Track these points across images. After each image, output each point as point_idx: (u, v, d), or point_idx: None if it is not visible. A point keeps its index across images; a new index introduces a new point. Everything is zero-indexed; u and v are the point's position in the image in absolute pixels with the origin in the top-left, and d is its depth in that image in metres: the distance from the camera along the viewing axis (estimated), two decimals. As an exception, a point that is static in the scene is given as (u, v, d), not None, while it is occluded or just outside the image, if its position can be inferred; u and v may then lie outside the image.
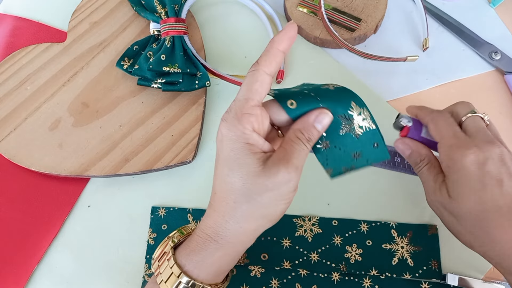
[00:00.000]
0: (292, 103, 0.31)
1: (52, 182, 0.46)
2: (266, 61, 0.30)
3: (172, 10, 0.48)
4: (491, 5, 0.54)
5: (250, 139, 0.29)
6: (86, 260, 0.43)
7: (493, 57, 0.50)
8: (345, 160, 0.34)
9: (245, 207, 0.30)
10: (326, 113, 0.31)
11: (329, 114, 0.31)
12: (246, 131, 0.29)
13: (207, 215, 0.33)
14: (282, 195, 0.30)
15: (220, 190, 0.31)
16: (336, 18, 0.51)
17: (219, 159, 0.31)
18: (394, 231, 0.43)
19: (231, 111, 0.30)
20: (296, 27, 0.31)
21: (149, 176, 0.46)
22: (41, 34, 0.53)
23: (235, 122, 0.29)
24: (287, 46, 0.31)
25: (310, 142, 0.31)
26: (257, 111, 0.30)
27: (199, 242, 0.32)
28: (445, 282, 0.40)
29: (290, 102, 0.31)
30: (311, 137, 0.31)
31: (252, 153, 0.30)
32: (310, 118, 0.31)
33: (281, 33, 0.31)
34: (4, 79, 0.48)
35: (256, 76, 0.30)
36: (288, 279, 0.41)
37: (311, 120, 0.31)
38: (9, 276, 0.42)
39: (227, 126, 0.30)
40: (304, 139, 0.30)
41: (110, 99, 0.48)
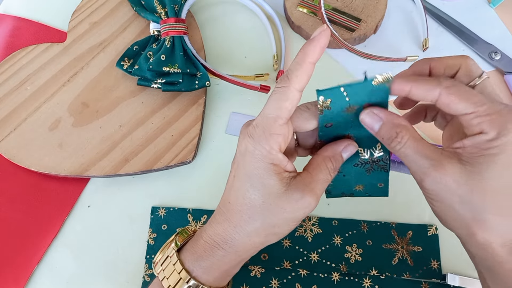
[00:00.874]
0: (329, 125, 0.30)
1: (52, 182, 0.46)
2: (298, 77, 0.28)
3: (172, 10, 0.48)
4: (491, 5, 0.54)
5: (276, 159, 0.29)
6: (86, 260, 0.43)
7: (493, 57, 0.50)
8: (347, 188, 0.34)
9: (259, 224, 0.30)
10: (354, 146, 0.31)
11: (355, 146, 0.31)
12: (272, 151, 0.29)
13: (217, 222, 0.32)
14: (297, 219, 0.30)
15: (236, 203, 0.31)
16: (336, 18, 0.51)
17: (239, 173, 0.30)
18: (394, 231, 0.43)
19: (257, 127, 0.29)
20: (329, 33, 0.28)
21: (149, 176, 0.46)
22: (41, 34, 0.53)
23: (262, 140, 0.28)
24: (319, 57, 0.29)
25: (335, 172, 0.31)
26: (285, 130, 0.29)
27: (207, 248, 0.32)
28: (445, 282, 0.40)
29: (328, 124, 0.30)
30: (337, 167, 0.31)
31: (276, 173, 0.29)
32: (340, 147, 0.31)
33: (313, 43, 0.28)
34: (4, 79, 0.48)
35: (287, 94, 0.28)
36: (288, 279, 0.41)
37: (340, 149, 0.31)
38: (9, 276, 0.42)
39: (253, 144, 0.29)
40: (332, 168, 0.30)
41: (110, 99, 0.48)
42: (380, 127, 0.29)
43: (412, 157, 0.28)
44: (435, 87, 0.27)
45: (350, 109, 0.30)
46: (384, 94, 0.29)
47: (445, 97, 0.27)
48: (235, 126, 0.48)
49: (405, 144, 0.28)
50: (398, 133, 0.28)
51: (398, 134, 0.28)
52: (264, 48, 0.52)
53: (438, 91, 0.27)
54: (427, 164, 0.27)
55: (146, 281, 0.42)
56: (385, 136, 0.29)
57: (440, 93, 0.27)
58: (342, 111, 0.30)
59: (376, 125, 0.29)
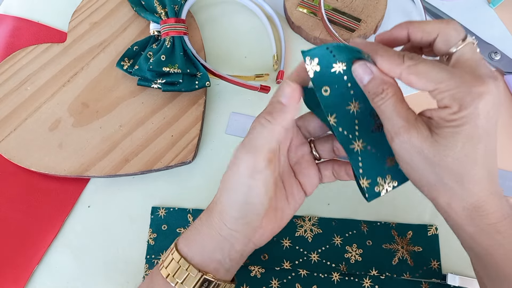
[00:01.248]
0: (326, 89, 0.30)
1: (52, 182, 0.46)
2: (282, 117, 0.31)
3: (172, 11, 0.48)
4: (491, 5, 0.54)
5: None
6: (86, 260, 0.43)
7: (492, 57, 0.50)
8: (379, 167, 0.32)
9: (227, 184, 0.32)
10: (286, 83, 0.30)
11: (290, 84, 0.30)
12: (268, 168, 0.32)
13: None
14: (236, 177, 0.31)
15: None
16: (336, 18, 0.51)
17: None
18: (394, 231, 0.43)
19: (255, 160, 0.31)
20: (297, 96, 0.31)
21: (149, 176, 0.46)
22: (41, 34, 0.53)
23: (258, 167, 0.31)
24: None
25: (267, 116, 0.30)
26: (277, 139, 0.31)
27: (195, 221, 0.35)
28: (445, 282, 0.40)
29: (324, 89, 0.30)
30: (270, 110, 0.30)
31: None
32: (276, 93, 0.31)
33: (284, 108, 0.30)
34: (4, 80, 0.48)
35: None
36: (288, 279, 0.41)
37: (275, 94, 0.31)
38: (9, 276, 0.42)
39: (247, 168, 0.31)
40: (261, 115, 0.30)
41: (110, 99, 0.48)
42: (369, 80, 0.29)
43: (388, 115, 0.29)
44: (397, 66, 0.29)
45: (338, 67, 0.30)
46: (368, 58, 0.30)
47: (405, 76, 0.28)
48: (235, 126, 0.48)
49: (387, 101, 0.29)
50: (384, 90, 0.29)
51: (384, 90, 0.29)
52: (264, 48, 0.52)
53: (399, 71, 0.29)
54: (399, 124, 0.28)
55: (146, 281, 0.42)
56: (371, 90, 0.30)
57: (401, 72, 0.29)
58: (331, 70, 0.30)
59: (366, 78, 0.30)
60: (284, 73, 0.50)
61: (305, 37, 0.52)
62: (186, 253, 0.33)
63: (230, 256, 0.33)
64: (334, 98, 0.30)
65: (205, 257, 0.33)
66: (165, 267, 0.33)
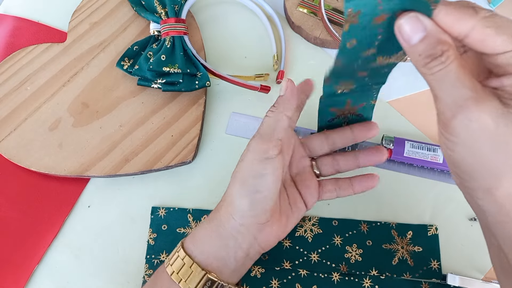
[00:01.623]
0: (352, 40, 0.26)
1: (52, 182, 0.46)
2: None
3: (172, 11, 0.48)
4: (491, 5, 0.54)
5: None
6: (86, 260, 0.43)
7: (493, 57, 0.50)
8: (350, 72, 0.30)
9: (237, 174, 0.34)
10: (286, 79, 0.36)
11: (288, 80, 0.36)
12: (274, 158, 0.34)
13: None
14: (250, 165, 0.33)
15: None
16: (336, 18, 0.51)
17: None
18: (394, 231, 0.43)
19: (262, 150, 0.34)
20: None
21: (149, 176, 0.46)
22: (41, 34, 0.53)
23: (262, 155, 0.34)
24: None
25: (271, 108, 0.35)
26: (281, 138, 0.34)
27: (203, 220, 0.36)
28: (445, 282, 0.40)
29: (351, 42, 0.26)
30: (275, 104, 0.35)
31: None
32: None
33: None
34: (4, 80, 0.48)
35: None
36: (288, 279, 0.41)
37: None
38: (9, 276, 0.42)
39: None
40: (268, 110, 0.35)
41: (110, 99, 0.48)
42: (421, 39, 0.23)
43: (450, 84, 0.22)
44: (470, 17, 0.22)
45: (380, 19, 0.24)
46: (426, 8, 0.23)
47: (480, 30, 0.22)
48: (235, 126, 0.48)
49: (448, 66, 0.23)
50: (444, 51, 0.23)
51: (443, 52, 0.23)
52: (264, 48, 0.52)
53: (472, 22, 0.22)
54: (467, 95, 0.22)
55: (146, 281, 0.42)
56: (425, 52, 0.23)
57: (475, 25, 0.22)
58: (370, 23, 0.25)
59: (417, 36, 0.23)
60: (284, 73, 0.50)
61: (305, 37, 0.52)
62: (192, 251, 0.33)
63: (235, 255, 0.33)
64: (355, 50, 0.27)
65: (210, 255, 0.33)
66: (170, 264, 0.33)
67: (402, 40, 0.24)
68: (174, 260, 0.33)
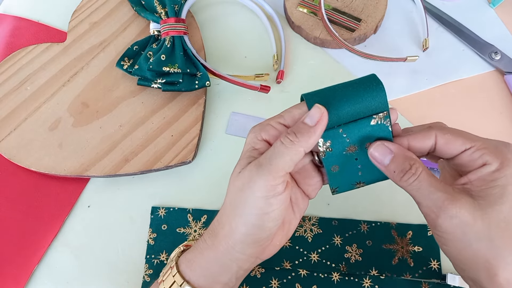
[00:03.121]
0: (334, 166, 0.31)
1: (52, 182, 0.46)
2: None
3: (172, 10, 0.48)
4: (491, 5, 0.54)
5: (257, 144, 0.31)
6: (86, 260, 0.43)
7: (493, 57, 0.50)
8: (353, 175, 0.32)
9: (239, 208, 0.30)
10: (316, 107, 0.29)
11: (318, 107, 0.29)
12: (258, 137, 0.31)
13: None
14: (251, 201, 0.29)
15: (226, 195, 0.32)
16: (336, 18, 0.51)
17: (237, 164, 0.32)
18: (394, 231, 0.43)
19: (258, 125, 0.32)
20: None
21: (149, 176, 0.46)
22: (41, 34, 0.53)
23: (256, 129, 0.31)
24: None
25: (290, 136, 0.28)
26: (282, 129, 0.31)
27: (197, 241, 0.32)
28: (445, 282, 0.40)
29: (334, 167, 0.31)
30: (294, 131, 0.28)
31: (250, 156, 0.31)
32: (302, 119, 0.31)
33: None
34: (4, 79, 0.48)
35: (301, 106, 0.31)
36: (288, 279, 0.41)
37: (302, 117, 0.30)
38: (9, 276, 0.42)
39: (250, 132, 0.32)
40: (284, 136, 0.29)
41: (110, 99, 0.48)
42: (391, 160, 0.28)
43: (426, 191, 0.27)
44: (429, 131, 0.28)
45: (352, 148, 0.30)
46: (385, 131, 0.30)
47: (441, 137, 0.28)
48: (235, 126, 0.48)
49: (419, 176, 0.27)
50: (412, 165, 0.28)
51: (412, 166, 0.28)
52: (264, 48, 0.52)
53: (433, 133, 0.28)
54: (442, 198, 0.26)
55: (146, 281, 0.42)
56: (397, 169, 0.28)
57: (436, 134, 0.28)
58: (344, 152, 0.30)
59: (387, 158, 0.28)
60: (284, 72, 0.50)
61: (305, 37, 0.52)
62: (190, 277, 0.31)
63: (236, 275, 0.32)
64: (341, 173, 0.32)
65: (210, 280, 0.31)
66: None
67: (377, 164, 0.29)
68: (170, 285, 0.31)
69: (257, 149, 0.31)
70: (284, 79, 0.50)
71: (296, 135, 0.28)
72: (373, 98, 0.29)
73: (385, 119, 0.29)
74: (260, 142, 0.31)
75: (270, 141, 0.31)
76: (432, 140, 0.29)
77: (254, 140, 0.31)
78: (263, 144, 0.31)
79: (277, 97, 0.50)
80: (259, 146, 0.31)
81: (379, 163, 0.29)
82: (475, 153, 0.27)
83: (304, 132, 0.28)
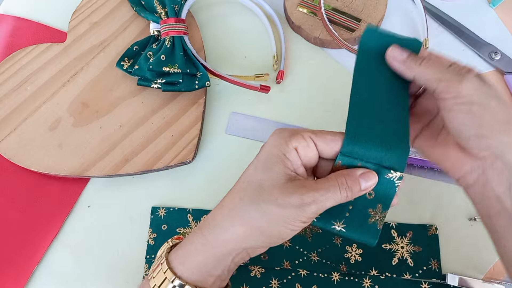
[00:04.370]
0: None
1: (52, 182, 0.46)
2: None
3: (172, 11, 0.48)
4: (491, 5, 0.54)
5: (289, 153, 0.30)
6: (86, 260, 0.43)
7: (493, 57, 0.50)
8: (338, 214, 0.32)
9: (247, 210, 0.29)
10: (374, 175, 0.31)
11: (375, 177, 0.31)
12: (289, 144, 0.30)
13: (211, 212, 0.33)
14: (287, 218, 0.29)
15: (235, 188, 0.31)
16: (336, 18, 0.51)
17: (251, 162, 0.32)
18: (394, 231, 0.43)
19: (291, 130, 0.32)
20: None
21: (149, 176, 0.46)
22: (41, 34, 0.53)
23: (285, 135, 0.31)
24: None
25: (347, 192, 0.30)
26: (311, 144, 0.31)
27: (189, 235, 0.32)
28: (445, 282, 0.40)
29: None
30: (351, 187, 0.30)
31: (284, 165, 0.30)
32: (357, 172, 0.30)
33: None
34: (4, 79, 0.48)
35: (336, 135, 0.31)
36: (288, 279, 0.41)
37: (357, 174, 0.30)
38: (9, 276, 0.42)
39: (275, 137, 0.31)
40: (344, 184, 0.30)
41: (110, 99, 0.48)
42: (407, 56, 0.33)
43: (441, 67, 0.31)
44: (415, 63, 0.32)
45: None
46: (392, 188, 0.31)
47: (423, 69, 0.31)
48: (235, 126, 0.48)
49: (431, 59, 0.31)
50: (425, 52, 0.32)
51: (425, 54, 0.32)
52: (264, 48, 0.52)
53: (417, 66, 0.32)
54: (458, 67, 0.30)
55: (146, 281, 0.42)
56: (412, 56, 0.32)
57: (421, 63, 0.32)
58: None
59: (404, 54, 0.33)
60: (284, 72, 0.50)
61: (305, 37, 0.52)
62: (182, 272, 0.31)
63: (229, 268, 0.32)
64: None
65: (204, 274, 0.31)
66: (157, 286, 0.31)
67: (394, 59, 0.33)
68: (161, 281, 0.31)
69: (289, 159, 0.30)
70: (284, 79, 0.50)
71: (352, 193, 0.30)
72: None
73: (399, 179, 0.31)
74: (292, 151, 0.30)
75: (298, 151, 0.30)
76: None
77: (284, 147, 0.30)
78: (295, 154, 0.30)
79: (277, 97, 0.50)
80: (292, 157, 0.30)
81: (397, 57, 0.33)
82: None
83: (356, 192, 0.30)
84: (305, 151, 0.30)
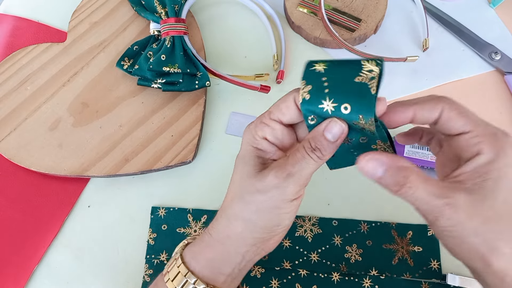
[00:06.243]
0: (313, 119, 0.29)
1: (52, 182, 0.46)
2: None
3: (172, 10, 0.48)
4: (491, 5, 0.54)
5: (259, 144, 0.31)
6: (86, 260, 0.43)
7: (493, 57, 0.50)
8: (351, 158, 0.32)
9: (236, 205, 0.31)
10: (335, 121, 0.28)
11: (339, 122, 0.28)
12: (256, 136, 0.31)
13: None
14: (274, 202, 0.29)
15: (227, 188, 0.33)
16: (336, 18, 0.51)
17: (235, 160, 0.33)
18: (394, 231, 0.43)
19: (255, 119, 0.32)
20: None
21: (149, 176, 0.46)
22: (41, 34, 0.53)
23: (251, 127, 0.31)
24: None
25: (315, 153, 0.29)
26: (276, 125, 0.30)
27: (203, 234, 0.34)
28: (445, 282, 0.40)
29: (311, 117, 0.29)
30: (318, 146, 0.29)
31: (256, 156, 0.31)
32: (320, 128, 0.29)
33: None
34: (4, 79, 0.48)
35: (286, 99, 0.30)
36: (288, 279, 0.41)
37: (321, 129, 0.29)
38: (9, 276, 0.42)
39: (246, 133, 0.32)
40: (309, 148, 0.29)
41: (110, 99, 0.48)
42: (383, 173, 0.27)
43: (425, 200, 0.26)
44: (437, 103, 0.27)
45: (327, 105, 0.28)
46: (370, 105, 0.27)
47: (447, 112, 0.27)
48: (235, 126, 0.48)
49: (417, 188, 0.26)
50: (406, 176, 0.27)
51: (406, 178, 0.27)
52: (264, 48, 0.52)
53: (441, 106, 0.27)
54: (441, 204, 0.26)
55: (146, 281, 0.42)
56: (391, 183, 0.27)
57: (443, 108, 0.27)
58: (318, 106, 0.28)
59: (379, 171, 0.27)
60: (284, 72, 0.50)
61: (305, 37, 0.52)
62: (194, 267, 0.32)
63: (240, 266, 0.33)
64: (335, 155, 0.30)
65: (215, 271, 0.32)
66: (171, 279, 0.32)
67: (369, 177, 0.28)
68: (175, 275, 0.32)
69: (261, 149, 0.31)
70: (284, 79, 0.50)
71: (321, 152, 0.29)
72: None
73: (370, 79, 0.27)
74: (262, 141, 0.31)
75: (268, 139, 0.31)
76: (437, 113, 0.28)
77: (253, 140, 0.31)
78: (265, 142, 0.31)
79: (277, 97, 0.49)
80: (263, 146, 0.31)
81: (371, 176, 0.28)
82: (473, 139, 0.26)
83: (327, 148, 0.29)
84: (274, 135, 0.31)
